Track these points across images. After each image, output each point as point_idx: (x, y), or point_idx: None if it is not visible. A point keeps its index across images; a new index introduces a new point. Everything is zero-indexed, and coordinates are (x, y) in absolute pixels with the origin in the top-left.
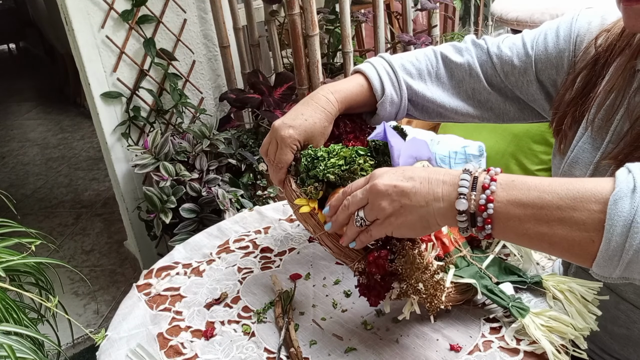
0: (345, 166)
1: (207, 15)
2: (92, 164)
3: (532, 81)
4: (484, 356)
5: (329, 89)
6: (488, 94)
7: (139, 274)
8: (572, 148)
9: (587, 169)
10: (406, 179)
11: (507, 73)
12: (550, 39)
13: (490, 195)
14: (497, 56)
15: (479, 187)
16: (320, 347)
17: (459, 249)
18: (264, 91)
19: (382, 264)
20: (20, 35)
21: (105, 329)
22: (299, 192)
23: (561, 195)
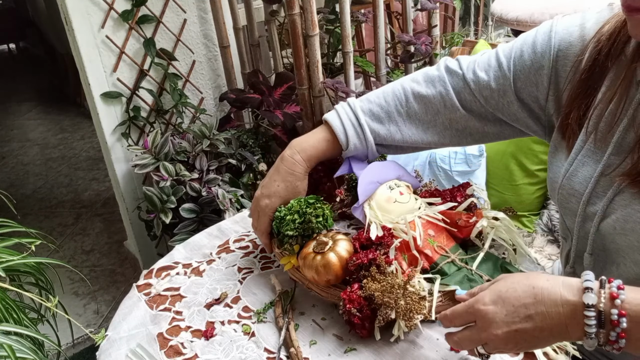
0: (299, 219)
1: (207, 15)
2: (92, 164)
3: (513, 101)
4: None
5: (296, 148)
6: (466, 121)
7: (139, 274)
8: (571, 161)
9: (588, 183)
10: (524, 319)
11: (487, 97)
12: (527, 55)
13: (622, 332)
14: (474, 82)
15: (607, 323)
16: (320, 347)
17: (447, 255)
18: (264, 91)
19: (355, 297)
20: (20, 35)
21: (105, 329)
22: (279, 252)
23: None
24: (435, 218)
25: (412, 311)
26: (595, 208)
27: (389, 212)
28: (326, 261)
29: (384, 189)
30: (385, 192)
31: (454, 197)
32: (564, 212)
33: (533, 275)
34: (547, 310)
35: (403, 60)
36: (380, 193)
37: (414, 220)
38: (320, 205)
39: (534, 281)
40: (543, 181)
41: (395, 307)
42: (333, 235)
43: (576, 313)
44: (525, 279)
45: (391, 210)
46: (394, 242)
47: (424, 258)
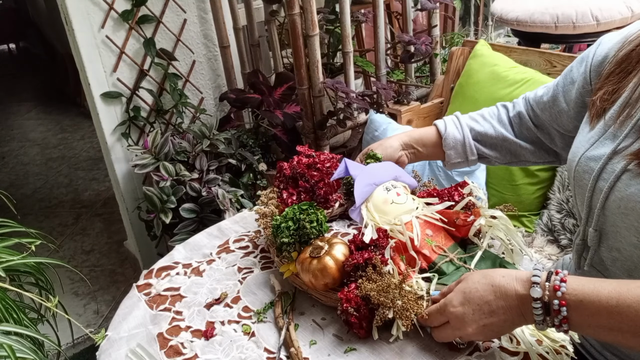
0: (294, 226)
1: (207, 15)
2: (92, 164)
3: (563, 110)
4: (484, 356)
5: (396, 131)
6: (535, 135)
7: (139, 274)
8: (592, 142)
9: (600, 160)
10: (489, 315)
11: (542, 109)
12: (574, 66)
13: (563, 319)
14: (533, 99)
15: (551, 311)
16: (320, 347)
17: (445, 254)
18: (264, 91)
19: (352, 297)
20: (20, 35)
21: (105, 329)
22: (278, 260)
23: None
24: (433, 218)
25: (408, 310)
26: (603, 184)
27: (386, 213)
28: (322, 265)
29: (381, 190)
30: (382, 193)
31: (451, 197)
32: (577, 191)
33: (490, 274)
34: (506, 304)
35: (403, 60)
36: (377, 195)
37: (412, 220)
38: (313, 211)
39: (492, 279)
40: (543, 181)
41: (392, 306)
42: (329, 240)
43: (527, 304)
44: (484, 278)
45: (388, 211)
46: (390, 243)
47: (422, 258)
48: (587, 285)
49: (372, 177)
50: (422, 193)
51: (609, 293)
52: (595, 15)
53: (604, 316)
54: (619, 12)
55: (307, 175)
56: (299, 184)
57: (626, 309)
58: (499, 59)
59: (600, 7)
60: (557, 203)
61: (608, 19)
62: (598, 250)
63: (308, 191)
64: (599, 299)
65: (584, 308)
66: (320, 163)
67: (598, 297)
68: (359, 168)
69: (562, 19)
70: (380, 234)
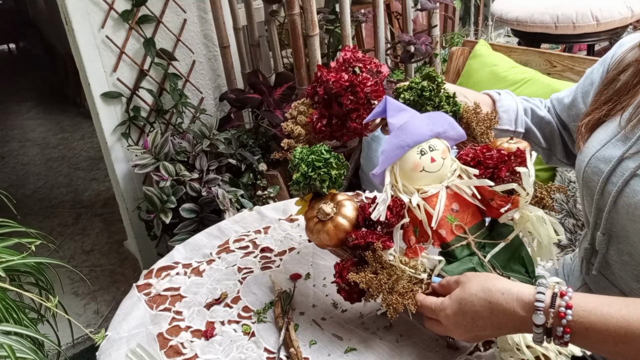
0: (310, 172)
1: (207, 15)
2: (92, 164)
3: (581, 112)
4: (483, 356)
5: None
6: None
7: (139, 274)
8: (604, 143)
9: (610, 163)
10: (481, 328)
11: (561, 110)
12: (595, 67)
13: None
14: (556, 99)
15: (553, 336)
16: (320, 347)
17: (464, 236)
18: (264, 91)
19: (345, 274)
20: (20, 35)
21: (105, 329)
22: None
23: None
24: (464, 191)
25: (399, 303)
26: (612, 187)
27: (413, 181)
28: (327, 230)
29: (413, 153)
30: (414, 157)
31: (498, 172)
32: (586, 192)
33: (490, 288)
34: (503, 321)
35: (403, 60)
36: (407, 158)
37: (439, 192)
38: (326, 171)
39: (490, 296)
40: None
41: (385, 298)
42: (338, 202)
43: (527, 326)
44: (482, 292)
45: (416, 179)
46: (401, 222)
47: (436, 238)
48: (595, 312)
49: (409, 134)
50: (468, 151)
51: (617, 322)
52: (595, 15)
53: (610, 344)
54: (619, 12)
55: (342, 98)
56: (332, 105)
57: (633, 339)
58: (499, 59)
59: (600, 7)
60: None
61: (608, 19)
62: (606, 255)
63: (341, 118)
64: (606, 328)
65: (588, 336)
66: (360, 85)
67: (606, 326)
68: (399, 115)
69: (562, 19)
70: (395, 209)
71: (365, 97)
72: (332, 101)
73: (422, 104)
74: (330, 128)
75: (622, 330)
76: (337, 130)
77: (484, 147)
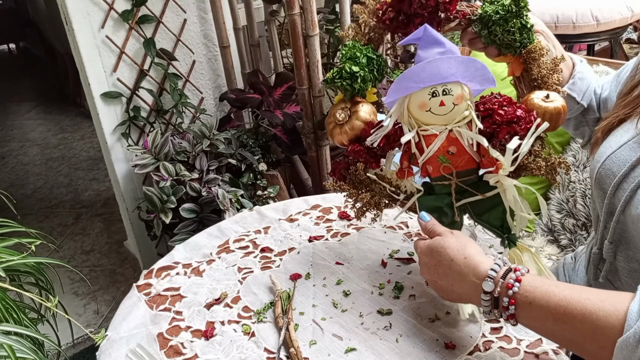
0: (337, 78)
1: (207, 15)
2: (92, 164)
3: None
4: (484, 356)
5: None
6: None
7: (139, 274)
8: (621, 144)
9: (624, 166)
10: (441, 276)
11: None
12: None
13: (510, 315)
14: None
15: (499, 307)
16: (320, 347)
17: (448, 177)
18: (264, 91)
19: (337, 172)
20: (20, 35)
21: (105, 329)
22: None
23: (576, 328)
24: (464, 139)
25: (380, 205)
26: (622, 193)
27: (418, 117)
28: (341, 134)
29: (425, 93)
30: (423, 97)
31: (498, 131)
32: (597, 193)
33: (458, 250)
34: (454, 281)
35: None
36: (417, 95)
37: (439, 134)
38: (349, 83)
39: (456, 255)
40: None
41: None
42: (352, 108)
43: (477, 292)
44: (451, 250)
45: (421, 117)
46: (393, 150)
47: (423, 170)
48: (540, 289)
49: (426, 73)
50: (487, 100)
51: (558, 300)
52: (595, 15)
53: (550, 321)
54: (619, 12)
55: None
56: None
57: (571, 319)
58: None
59: (600, 7)
60: (557, 203)
61: (608, 19)
62: (615, 262)
63: (408, 17)
64: (547, 305)
65: (531, 310)
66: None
67: (547, 303)
68: (430, 49)
69: (562, 19)
70: (392, 138)
71: (435, 5)
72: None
73: (494, 22)
74: (395, 23)
75: (562, 309)
76: (400, 27)
77: (505, 99)
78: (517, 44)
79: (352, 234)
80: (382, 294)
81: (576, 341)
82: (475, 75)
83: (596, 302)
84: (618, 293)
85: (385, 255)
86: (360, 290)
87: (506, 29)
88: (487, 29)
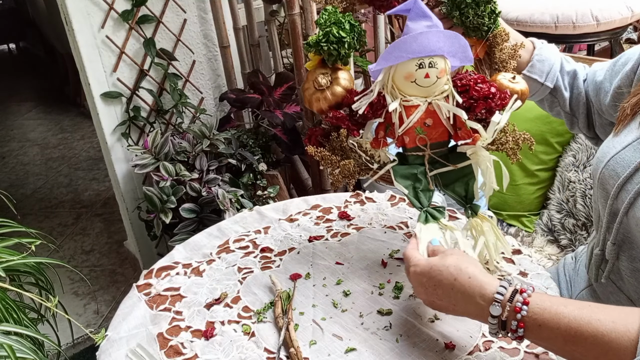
0: (323, 41)
1: (207, 15)
2: (92, 164)
3: (606, 92)
4: (484, 356)
5: None
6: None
7: (139, 274)
8: (625, 145)
9: (629, 167)
10: (440, 297)
11: (591, 83)
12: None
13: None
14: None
15: (507, 329)
16: (320, 347)
17: (423, 148)
18: (264, 91)
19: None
20: (20, 35)
21: (105, 329)
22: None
23: (587, 349)
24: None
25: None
26: (626, 195)
27: (402, 87)
28: (321, 100)
29: (412, 64)
30: (410, 68)
31: (475, 106)
32: (600, 194)
33: (460, 268)
34: (458, 301)
35: None
36: (404, 66)
37: (420, 106)
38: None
39: (459, 274)
40: (543, 181)
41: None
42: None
43: (483, 313)
44: (453, 269)
45: (405, 87)
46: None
47: (399, 141)
48: (549, 310)
49: (416, 45)
50: (464, 76)
51: (568, 323)
52: (595, 15)
53: (560, 342)
54: (619, 12)
55: None
56: None
57: (582, 341)
58: None
59: (600, 7)
60: (557, 203)
61: (608, 19)
62: (617, 262)
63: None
64: (557, 327)
65: (541, 332)
66: None
67: (557, 325)
68: (419, 21)
69: (562, 19)
70: (376, 106)
71: None
72: None
73: (468, 5)
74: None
75: (573, 331)
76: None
77: (479, 77)
78: (485, 28)
79: (352, 234)
80: (382, 294)
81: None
82: (459, 51)
83: (607, 323)
84: (629, 311)
85: (385, 255)
86: (360, 290)
87: (477, 12)
88: (459, 11)
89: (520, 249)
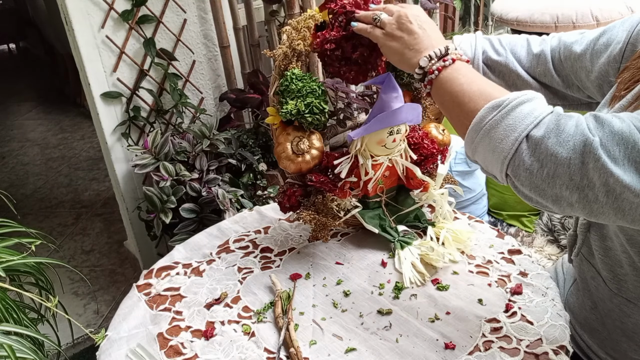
0: (306, 112)
1: (207, 15)
2: (92, 164)
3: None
4: (484, 356)
5: None
6: (551, 78)
7: (139, 274)
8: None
9: None
10: (419, 27)
11: (566, 58)
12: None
13: (429, 92)
14: (564, 44)
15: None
16: (320, 347)
17: (380, 194)
18: (264, 91)
19: (293, 199)
20: (20, 35)
21: (105, 329)
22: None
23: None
24: (399, 166)
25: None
26: None
27: (372, 150)
28: (301, 163)
29: (385, 132)
30: (383, 135)
31: (425, 162)
32: None
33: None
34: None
35: None
36: (378, 133)
37: (383, 163)
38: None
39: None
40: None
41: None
42: (310, 142)
43: (417, 54)
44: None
45: (375, 150)
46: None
47: (364, 190)
48: (462, 71)
49: (394, 118)
50: (414, 135)
51: (458, 91)
52: (595, 15)
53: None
54: (619, 13)
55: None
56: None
57: (466, 103)
58: None
59: (600, 7)
60: None
61: (608, 19)
62: (587, 240)
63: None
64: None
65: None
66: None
67: (460, 84)
68: (391, 95)
69: (562, 19)
70: (353, 168)
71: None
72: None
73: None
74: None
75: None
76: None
77: (423, 134)
78: (412, 86)
79: (352, 234)
80: (382, 294)
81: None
82: (415, 118)
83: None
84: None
85: (385, 255)
86: (360, 290)
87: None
88: (395, 72)
89: (520, 249)
